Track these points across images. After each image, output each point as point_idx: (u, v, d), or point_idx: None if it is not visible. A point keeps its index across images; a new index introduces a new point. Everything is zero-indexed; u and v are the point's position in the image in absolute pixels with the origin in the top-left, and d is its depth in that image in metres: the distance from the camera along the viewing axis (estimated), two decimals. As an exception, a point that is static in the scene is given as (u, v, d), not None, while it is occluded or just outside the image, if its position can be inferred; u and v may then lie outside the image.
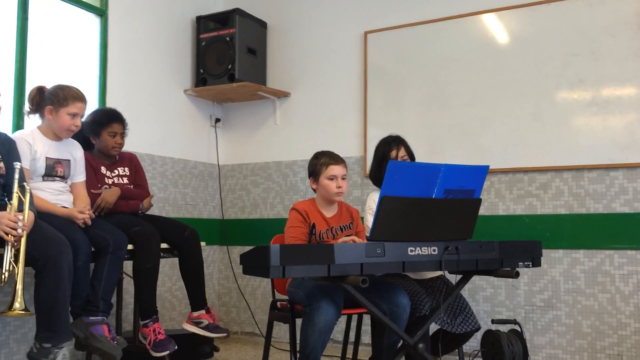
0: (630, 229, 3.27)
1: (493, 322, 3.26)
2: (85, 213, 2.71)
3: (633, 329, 3.22)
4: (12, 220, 2.28)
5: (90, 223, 2.72)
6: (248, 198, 4.45)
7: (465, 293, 3.16)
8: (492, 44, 3.69)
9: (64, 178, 2.84)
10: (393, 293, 2.54)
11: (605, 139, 3.35)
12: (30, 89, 2.83)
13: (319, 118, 4.22)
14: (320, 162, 2.67)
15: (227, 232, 4.45)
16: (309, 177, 2.74)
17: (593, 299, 3.33)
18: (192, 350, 3.41)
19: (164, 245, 3.09)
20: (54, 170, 2.79)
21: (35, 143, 2.73)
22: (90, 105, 3.03)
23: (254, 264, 2.15)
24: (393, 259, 2.20)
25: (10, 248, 2.29)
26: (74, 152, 2.91)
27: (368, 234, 2.62)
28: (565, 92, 3.47)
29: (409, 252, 2.22)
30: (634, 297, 3.24)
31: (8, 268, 2.29)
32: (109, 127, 3.09)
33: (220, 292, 4.48)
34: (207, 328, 3.12)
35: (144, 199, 3.22)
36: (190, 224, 3.28)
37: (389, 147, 2.94)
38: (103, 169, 3.13)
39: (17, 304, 2.26)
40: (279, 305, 2.79)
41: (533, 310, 3.47)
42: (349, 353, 3.20)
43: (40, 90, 2.80)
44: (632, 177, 3.29)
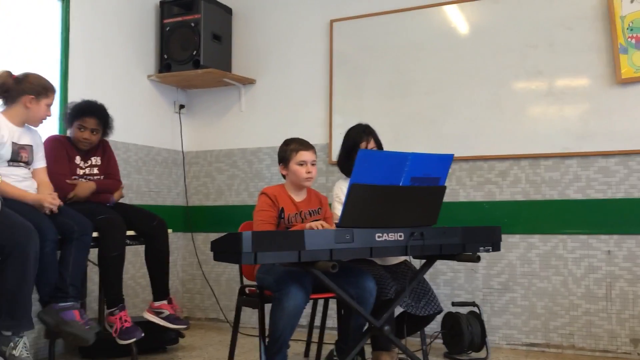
0: (583, 215, 3.43)
1: (453, 304, 3.40)
2: (55, 201, 2.68)
3: (584, 310, 3.40)
4: None
5: (57, 211, 2.69)
6: (212, 185, 4.44)
7: (427, 277, 3.26)
8: (453, 35, 3.78)
9: (28, 163, 2.82)
10: (360, 278, 2.60)
11: (561, 129, 3.49)
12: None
13: (285, 105, 4.24)
14: (290, 148, 2.71)
15: (191, 218, 4.45)
16: (279, 163, 2.77)
17: (547, 282, 3.49)
18: (157, 337, 3.42)
19: (130, 233, 3.09)
20: (19, 156, 2.76)
21: (2, 128, 2.69)
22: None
23: (225, 251, 2.18)
24: (361, 245, 2.25)
25: None
26: (35, 138, 2.90)
27: (335, 221, 2.69)
28: (523, 82, 3.60)
29: (377, 238, 2.28)
30: (585, 279, 3.41)
31: None
32: (79, 120, 3.10)
33: (184, 278, 4.48)
34: (167, 319, 3.14)
35: (116, 191, 3.21)
36: (154, 211, 3.29)
37: (360, 137, 2.98)
38: (77, 159, 3.12)
39: None
40: (247, 291, 2.83)
41: (491, 293, 3.61)
42: (315, 337, 3.28)
43: (12, 77, 2.76)
44: (585, 165, 3.45)
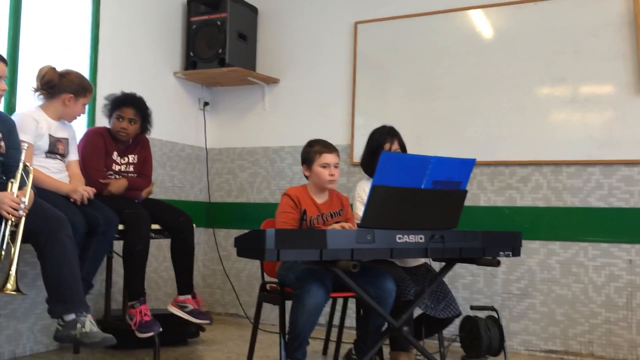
0: (605, 223, 3.42)
1: (472, 308, 3.40)
2: (86, 192, 2.76)
3: (604, 318, 3.39)
4: (14, 202, 2.32)
5: (87, 202, 2.77)
6: (235, 182, 4.50)
7: (446, 280, 3.27)
8: (478, 39, 3.78)
9: (63, 156, 2.93)
10: (380, 278, 2.63)
11: (584, 136, 3.48)
12: (43, 68, 2.86)
13: (307, 105, 4.28)
14: (314, 150, 2.75)
15: (213, 214, 4.51)
16: (302, 164, 2.81)
17: (567, 289, 3.49)
18: (179, 330, 3.48)
19: (155, 226, 3.15)
20: (56, 148, 2.87)
21: (41, 120, 2.81)
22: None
23: (249, 247, 2.23)
24: (382, 246, 2.28)
25: (9, 227, 2.33)
26: (70, 131, 3.01)
27: (357, 221, 2.72)
28: (548, 88, 3.59)
29: (397, 239, 2.31)
30: (606, 287, 3.40)
31: (4, 247, 2.33)
32: (118, 110, 3.19)
33: (205, 273, 4.54)
34: (191, 313, 3.20)
35: (145, 189, 3.28)
36: (177, 206, 3.35)
37: (384, 139, 3.02)
38: (115, 155, 3.20)
39: (9, 285, 2.28)
40: (268, 288, 2.87)
41: (510, 298, 3.61)
42: (333, 336, 3.31)
43: (56, 73, 2.86)
44: (608, 173, 3.44)
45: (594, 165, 3.47)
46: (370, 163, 3.00)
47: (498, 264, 2.53)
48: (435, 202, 2.43)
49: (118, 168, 3.20)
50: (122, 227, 2.95)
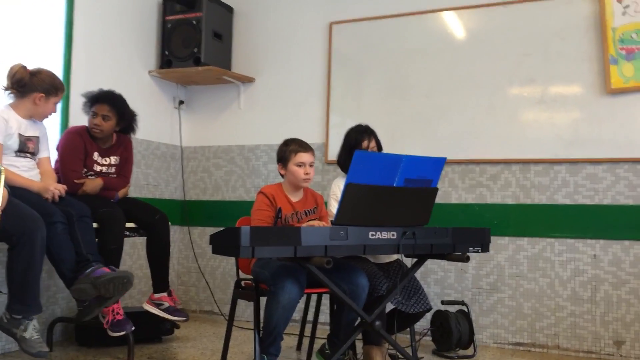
0: (571, 219, 3.53)
1: (442, 303, 3.49)
2: (57, 190, 2.76)
3: (569, 311, 3.50)
4: None
5: (58, 200, 2.77)
6: (210, 180, 4.52)
7: (418, 276, 3.35)
8: (450, 40, 3.86)
9: (34, 154, 2.91)
10: (353, 274, 2.69)
11: (551, 135, 3.59)
12: (14, 67, 2.83)
13: (283, 104, 4.32)
14: (290, 149, 2.78)
15: (188, 212, 4.52)
16: (278, 162, 2.85)
17: (534, 283, 3.59)
18: (153, 327, 3.49)
19: (130, 225, 3.16)
20: (26, 147, 2.85)
21: (10, 119, 2.78)
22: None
23: (224, 244, 2.26)
24: (355, 242, 2.33)
25: None
26: (41, 128, 2.99)
27: (331, 219, 2.77)
28: (517, 89, 3.69)
29: (370, 236, 2.36)
30: (571, 282, 3.51)
31: None
32: (93, 107, 3.18)
33: (180, 271, 4.55)
34: (167, 310, 3.22)
35: (122, 189, 3.28)
36: (152, 204, 3.36)
37: (361, 137, 3.07)
38: (95, 155, 3.19)
39: None
40: (243, 284, 2.91)
41: (479, 293, 3.71)
42: (307, 331, 3.36)
43: (27, 71, 2.83)
44: (573, 171, 3.55)
45: (561, 164, 3.58)
46: (347, 161, 3.04)
47: (467, 260, 2.60)
48: (407, 199, 2.49)
49: (99, 168, 3.20)
50: (96, 225, 2.96)
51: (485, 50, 3.76)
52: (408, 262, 3.11)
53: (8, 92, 2.86)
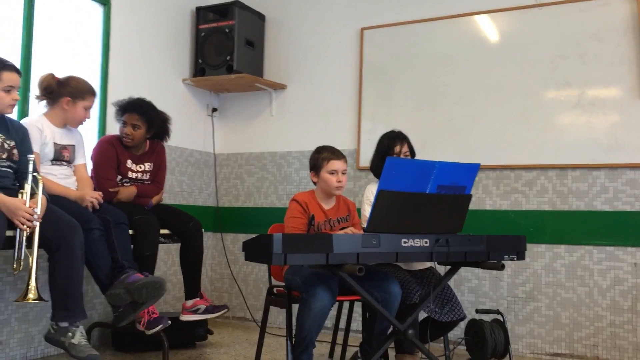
0: (610, 227, 3.43)
1: (477, 311, 3.43)
2: (94, 198, 2.81)
3: (608, 321, 3.40)
4: (28, 212, 2.37)
5: (98, 208, 2.83)
6: (242, 187, 4.55)
7: (452, 284, 3.31)
8: (483, 44, 3.81)
9: (70, 162, 2.98)
10: (385, 282, 2.67)
11: (589, 140, 3.50)
12: (43, 76, 2.92)
13: (314, 111, 4.33)
14: (322, 156, 2.78)
15: (221, 219, 4.56)
16: (310, 170, 2.85)
17: (572, 292, 3.50)
18: (187, 333, 3.52)
19: (164, 231, 3.20)
20: (62, 155, 2.92)
21: (44, 129, 2.85)
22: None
23: (256, 251, 2.27)
24: (387, 250, 2.32)
25: (24, 237, 2.39)
26: (76, 136, 3.05)
27: (364, 224, 2.76)
28: (552, 93, 3.62)
29: (403, 243, 2.34)
30: (611, 291, 3.41)
31: (21, 257, 2.39)
32: (122, 116, 3.25)
33: (213, 277, 4.59)
34: (206, 311, 3.25)
35: (155, 196, 3.33)
36: (186, 211, 3.40)
37: (393, 142, 3.07)
38: (129, 163, 3.24)
39: (31, 295, 2.35)
40: (276, 291, 2.91)
41: (515, 302, 3.63)
42: (339, 339, 3.35)
43: (55, 79, 2.90)
44: (613, 177, 3.46)
45: (599, 169, 3.49)
46: (380, 167, 3.03)
47: (502, 268, 2.56)
48: (440, 206, 2.46)
49: (134, 175, 3.25)
50: (131, 232, 3.00)
51: (519, 54, 3.70)
52: (441, 269, 3.07)
53: (39, 101, 2.94)
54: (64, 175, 2.92)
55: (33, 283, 2.34)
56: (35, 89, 2.95)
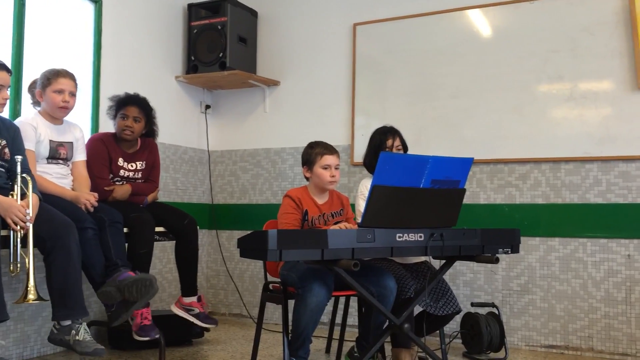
0: (603, 219, 3.45)
1: (472, 305, 3.45)
2: (90, 200, 2.80)
3: (603, 313, 3.42)
4: (21, 212, 2.36)
5: (92, 210, 2.81)
6: (237, 184, 4.55)
7: (447, 277, 3.31)
8: (476, 39, 3.82)
9: (67, 160, 2.95)
10: (381, 276, 2.67)
11: (582, 133, 3.52)
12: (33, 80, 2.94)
13: (308, 106, 4.33)
14: (315, 151, 2.79)
15: (216, 216, 4.56)
16: (303, 165, 2.85)
17: (566, 284, 3.52)
18: (184, 330, 3.52)
19: (159, 229, 3.20)
20: (58, 153, 2.90)
21: (39, 127, 2.84)
22: (84, 91, 3.12)
23: (252, 248, 2.27)
24: (382, 245, 2.32)
25: (18, 237, 2.37)
26: (75, 133, 3.02)
27: (358, 219, 2.76)
28: (545, 86, 3.63)
29: (397, 238, 2.35)
30: (605, 283, 3.43)
31: (17, 259, 2.38)
32: (122, 109, 3.22)
33: (209, 274, 4.59)
34: (197, 317, 3.25)
35: (150, 194, 3.32)
36: (180, 208, 3.39)
37: (385, 136, 3.07)
38: (120, 161, 3.22)
39: (30, 295, 2.34)
40: (271, 287, 2.92)
41: (510, 294, 3.65)
42: (336, 334, 3.36)
43: (34, 80, 2.93)
44: (606, 169, 3.47)
45: (592, 162, 3.50)
46: (373, 161, 3.05)
47: (497, 261, 2.57)
48: (434, 200, 2.47)
49: (126, 174, 3.23)
50: (126, 230, 3.00)
51: (512, 48, 3.70)
52: (436, 263, 3.08)
53: (34, 106, 2.96)
54: (60, 175, 2.89)
55: (32, 283, 2.33)
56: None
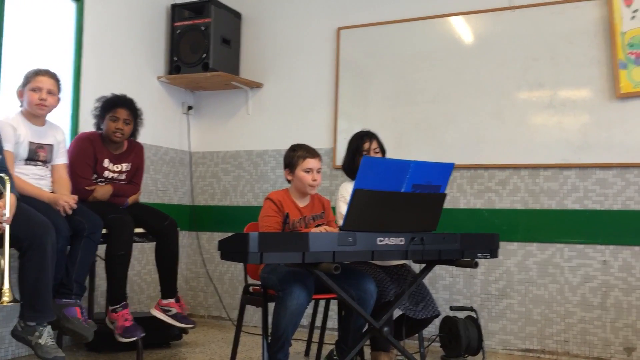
0: (580, 225, 3.51)
1: (451, 308, 3.47)
2: (69, 203, 2.75)
3: (579, 317, 3.47)
4: None
5: (71, 212, 2.77)
6: (218, 185, 4.53)
7: (426, 281, 3.34)
8: (458, 45, 3.86)
9: (46, 162, 2.90)
10: (361, 280, 2.68)
11: (561, 140, 3.57)
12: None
13: (291, 109, 4.33)
14: (297, 154, 2.78)
15: (196, 218, 4.53)
16: (285, 168, 2.85)
17: (544, 289, 3.57)
18: (161, 333, 3.50)
19: (139, 230, 3.17)
20: (36, 155, 2.84)
21: (19, 127, 2.78)
22: (65, 90, 3.06)
23: (232, 250, 2.26)
24: (363, 248, 2.33)
25: None
26: (57, 135, 2.97)
27: (339, 220, 2.77)
28: (525, 93, 3.68)
29: (378, 241, 2.36)
30: (581, 288, 3.49)
31: None
32: (112, 111, 3.16)
33: (188, 276, 4.56)
34: (175, 317, 3.21)
35: (132, 196, 3.29)
36: (161, 209, 3.37)
37: (362, 140, 3.09)
38: (106, 162, 3.18)
39: (5, 297, 2.28)
40: (252, 290, 2.91)
41: (488, 299, 3.69)
42: (315, 337, 3.36)
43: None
44: (583, 176, 3.53)
45: (570, 169, 3.56)
46: (352, 166, 3.08)
47: (476, 266, 2.59)
48: (415, 205, 2.49)
49: (110, 175, 3.19)
50: (105, 231, 2.97)
51: (493, 55, 3.75)
52: (416, 266, 3.10)
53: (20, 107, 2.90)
54: (37, 176, 2.84)
55: (7, 285, 2.29)
56: (7, 87, 2.88)
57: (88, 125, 3.45)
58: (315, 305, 3.38)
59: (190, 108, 4.58)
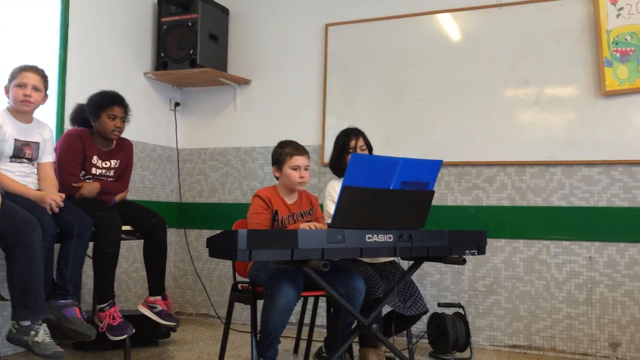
0: (566, 222, 3.54)
1: (439, 305, 3.49)
2: (56, 201, 2.72)
3: (565, 313, 3.51)
4: None
5: (57, 210, 2.74)
6: (206, 182, 4.51)
7: (414, 278, 3.34)
8: (446, 43, 3.87)
9: (32, 160, 2.86)
10: (350, 277, 2.69)
11: (547, 137, 3.60)
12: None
13: (279, 106, 4.32)
14: (285, 151, 2.78)
15: (184, 215, 4.51)
16: (273, 165, 2.84)
17: (530, 285, 3.60)
18: (149, 331, 3.47)
19: (127, 228, 3.15)
20: (22, 152, 2.80)
21: (5, 124, 2.74)
22: (50, 86, 3.02)
23: (221, 247, 2.25)
24: (352, 245, 2.33)
25: None
26: (44, 133, 2.92)
27: (327, 219, 2.77)
28: (512, 91, 3.70)
29: (367, 239, 2.36)
30: (567, 284, 3.52)
31: None
32: (109, 109, 3.11)
33: (176, 274, 4.54)
34: (159, 314, 3.20)
35: (119, 194, 3.26)
36: (148, 206, 3.35)
37: (349, 137, 3.09)
38: (95, 159, 3.14)
39: None
40: (240, 287, 2.90)
41: (476, 295, 3.71)
42: (304, 334, 3.36)
43: None
44: (569, 173, 3.56)
45: (556, 166, 3.59)
46: (338, 164, 3.08)
47: (464, 262, 2.61)
48: (404, 202, 2.49)
49: (98, 172, 3.16)
50: (92, 229, 2.94)
51: (481, 53, 3.76)
52: (404, 263, 3.11)
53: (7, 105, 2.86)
54: (23, 174, 2.80)
55: None
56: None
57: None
58: (304, 303, 3.39)
59: (178, 104, 4.55)
